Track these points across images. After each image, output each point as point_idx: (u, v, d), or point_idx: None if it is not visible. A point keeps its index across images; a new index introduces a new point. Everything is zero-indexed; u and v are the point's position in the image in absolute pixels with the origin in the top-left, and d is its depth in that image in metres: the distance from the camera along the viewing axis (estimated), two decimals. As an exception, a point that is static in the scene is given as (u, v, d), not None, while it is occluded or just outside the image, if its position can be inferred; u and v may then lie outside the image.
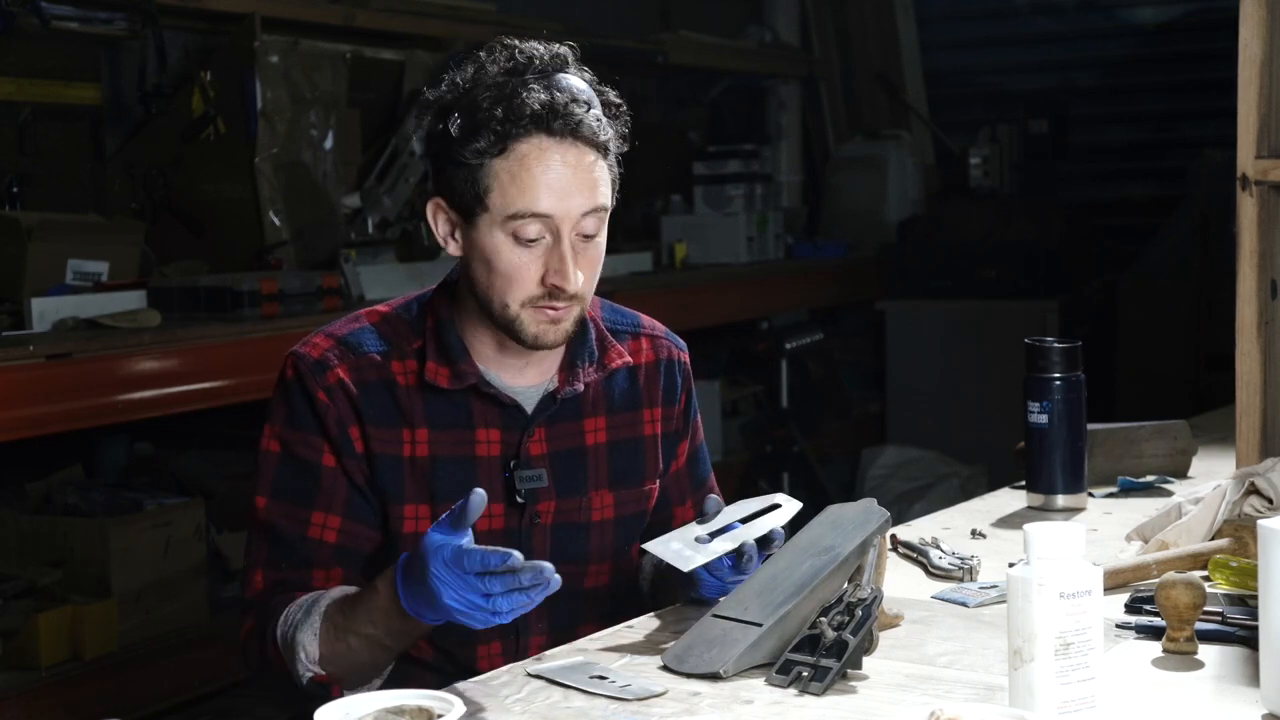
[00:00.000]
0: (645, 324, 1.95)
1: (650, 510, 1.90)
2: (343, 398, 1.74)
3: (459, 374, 1.76)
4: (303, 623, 1.65)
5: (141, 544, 3.36)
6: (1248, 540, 1.74)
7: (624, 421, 1.87)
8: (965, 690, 1.43)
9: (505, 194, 1.69)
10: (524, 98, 1.68)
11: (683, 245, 5.24)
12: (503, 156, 1.69)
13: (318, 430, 1.74)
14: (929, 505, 5.04)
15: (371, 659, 1.64)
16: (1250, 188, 2.00)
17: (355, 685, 1.67)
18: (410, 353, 1.77)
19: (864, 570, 1.56)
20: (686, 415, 1.95)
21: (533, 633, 1.81)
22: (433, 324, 1.79)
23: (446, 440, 1.75)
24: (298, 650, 1.64)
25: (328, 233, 4.17)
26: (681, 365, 1.95)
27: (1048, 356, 2.12)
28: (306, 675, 1.65)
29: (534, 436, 1.79)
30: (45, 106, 3.90)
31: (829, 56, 6.60)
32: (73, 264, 3.52)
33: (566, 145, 1.70)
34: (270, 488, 1.75)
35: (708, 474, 2.00)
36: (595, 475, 1.84)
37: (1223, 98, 2.59)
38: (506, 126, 1.68)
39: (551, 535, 1.81)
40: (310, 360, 1.75)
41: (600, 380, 1.85)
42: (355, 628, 1.62)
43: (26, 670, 3.13)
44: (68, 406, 3.03)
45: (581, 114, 1.70)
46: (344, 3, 4.26)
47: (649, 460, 1.89)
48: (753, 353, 5.50)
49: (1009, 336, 4.88)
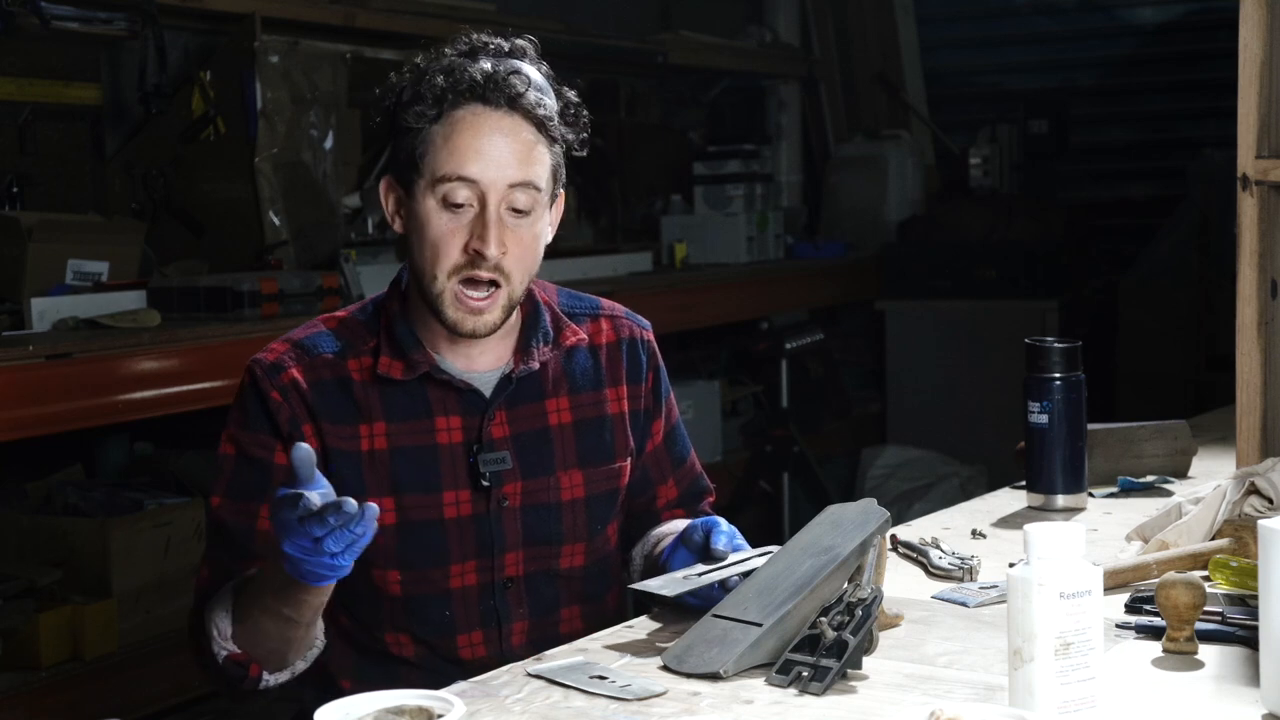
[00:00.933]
0: (605, 306, 1.97)
1: (622, 488, 1.91)
2: (296, 397, 1.77)
3: (411, 364, 1.79)
4: (218, 602, 1.68)
5: (141, 544, 3.36)
6: (1248, 540, 1.74)
7: (588, 400, 1.88)
8: (965, 690, 1.43)
9: (436, 157, 1.73)
10: (467, 68, 1.73)
11: (683, 245, 5.24)
12: (439, 122, 1.74)
13: (270, 430, 1.77)
14: (929, 505, 5.05)
15: (277, 631, 1.65)
16: (1250, 188, 2.00)
17: (271, 664, 1.68)
18: (365, 350, 1.81)
19: (864, 570, 1.56)
20: (656, 393, 1.96)
21: (513, 619, 1.82)
22: (385, 321, 1.82)
23: (405, 431, 1.78)
24: (211, 629, 1.67)
25: (328, 233, 4.17)
26: (645, 344, 1.96)
27: (1048, 356, 2.12)
28: (222, 654, 1.67)
29: (494, 420, 1.81)
30: (45, 106, 3.90)
31: (829, 56, 6.60)
32: (73, 264, 3.52)
33: (502, 114, 1.74)
34: (224, 488, 1.78)
35: (687, 451, 2.01)
36: (562, 455, 1.85)
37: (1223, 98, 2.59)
38: (446, 94, 1.73)
39: (521, 517, 1.82)
40: (266, 363, 1.79)
41: (560, 361, 1.87)
42: (257, 599, 1.64)
43: (26, 670, 3.13)
44: (68, 406, 3.03)
45: (521, 87, 1.74)
46: (344, 3, 4.26)
47: (618, 438, 1.90)
48: (753, 353, 5.49)
49: (1009, 336, 4.89)
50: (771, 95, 6.46)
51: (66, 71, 3.94)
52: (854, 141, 6.42)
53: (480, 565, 1.81)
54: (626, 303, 2.02)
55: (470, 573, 1.81)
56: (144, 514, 3.42)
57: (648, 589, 1.66)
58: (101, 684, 3.21)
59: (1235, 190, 2.01)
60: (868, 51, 6.64)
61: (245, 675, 1.67)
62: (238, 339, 3.35)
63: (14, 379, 2.92)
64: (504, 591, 1.82)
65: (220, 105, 4.03)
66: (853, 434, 5.99)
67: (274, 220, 4.03)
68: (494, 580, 1.82)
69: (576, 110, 1.81)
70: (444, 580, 1.80)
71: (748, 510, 5.16)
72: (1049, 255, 5.75)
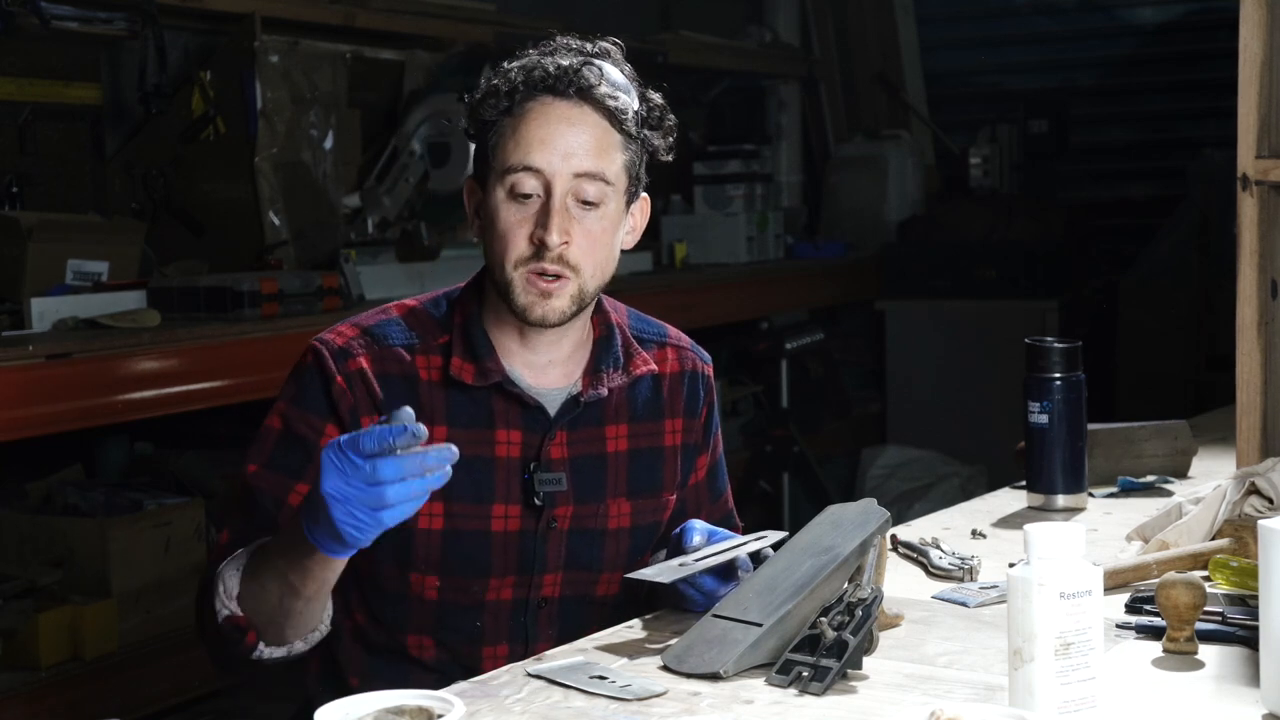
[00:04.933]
0: (672, 335, 1.94)
1: (664, 521, 1.90)
2: (361, 387, 1.74)
3: (484, 371, 1.76)
4: (233, 561, 1.64)
5: (141, 544, 3.35)
6: (1248, 540, 1.74)
7: (645, 430, 1.86)
8: (965, 690, 1.43)
9: (505, 148, 1.73)
10: (543, 63, 1.73)
11: (683, 245, 5.24)
12: (511, 115, 1.73)
13: (326, 413, 1.73)
14: (929, 505, 5.04)
15: (279, 598, 1.59)
16: (1250, 188, 2.00)
17: (269, 635, 1.63)
18: (436, 348, 1.77)
19: (864, 570, 1.56)
20: (707, 429, 1.94)
21: (541, 638, 1.80)
22: (460, 320, 1.79)
23: (465, 439, 1.73)
24: (218, 585, 1.62)
25: (328, 233, 4.17)
26: (705, 378, 1.93)
27: (1048, 356, 2.12)
28: (223, 613, 1.62)
29: (555, 440, 1.79)
30: (45, 106, 3.90)
31: (829, 56, 6.60)
32: (73, 264, 3.52)
33: (571, 105, 1.73)
34: (264, 458, 1.74)
35: (725, 488, 1.99)
36: (614, 482, 1.83)
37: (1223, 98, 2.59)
38: (520, 86, 1.72)
39: (567, 541, 1.80)
40: (335, 346, 1.75)
41: (624, 388, 1.84)
42: (268, 560, 1.60)
43: (26, 670, 3.12)
44: (68, 406, 3.03)
45: (594, 80, 1.73)
46: (344, 3, 4.26)
47: (668, 471, 1.88)
48: (753, 353, 5.49)
49: (1009, 336, 4.88)
50: (771, 95, 6.45)
51: (66, 71, 3.94)
52: (854, 141, 6.42)
53: (519, 581, 1.79)
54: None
55: (507, 588, 1.79)
56: (144, 514, 3.42)
57: (643, 577, 1.66)
58: (101, 684, 3.21)
59: (1235, 190, 2.01)
60: (868, 51, 6.64)
61: (242, 640, 1.62)
62: (238, 339, 3.35)
63: (14, 379, 2.92)
64: (537, 611, 1.81)
65: (220, 105, 4.03)
66: (853, 434, 5.99)
67: (274, 220, 4.03)
68: (529, 598, 1.80)
69: (662, 113, 1.80)
70: (481, 592, 1.78)
71: (748, 510, 5.16)
72: (1049, 255, 5.75)
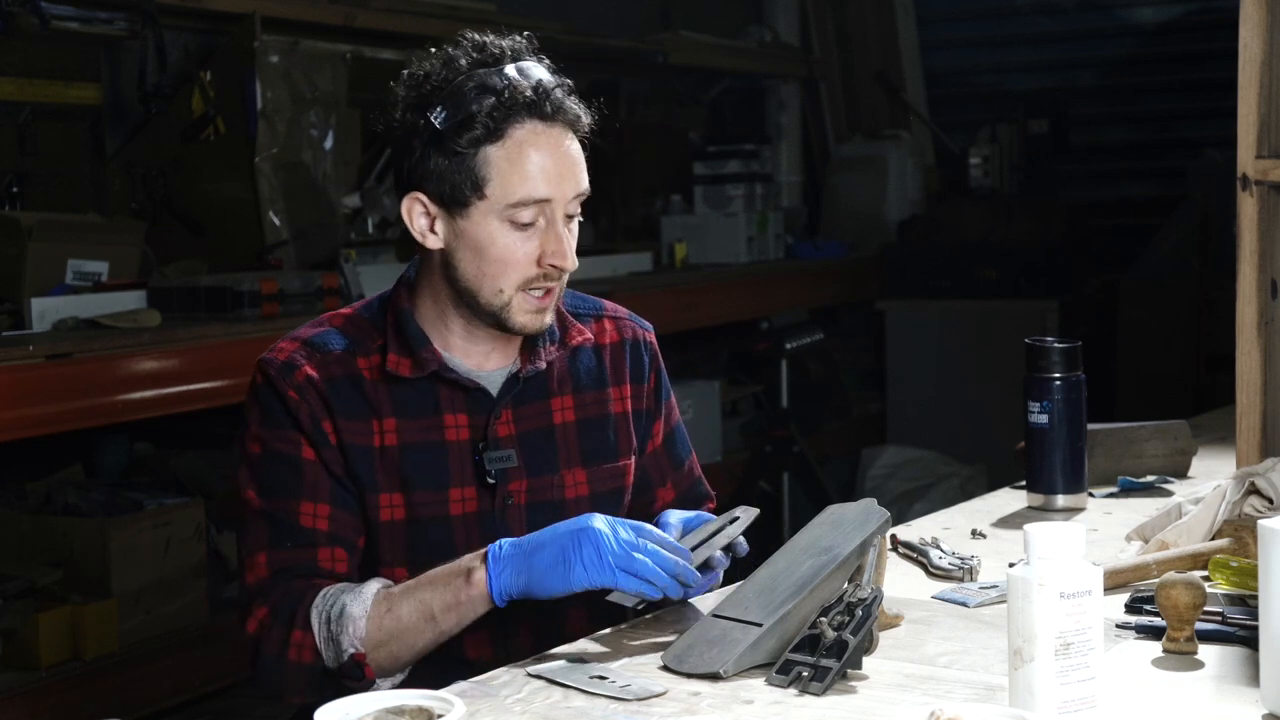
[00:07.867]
0: (608, 307, 1.99)
1: (627, 488, 1.92)
2: (313, 394, 1.78)
3: (420, 362, 1.81)
4: (351, 602, 1.67)
5: (141, 544, 3.36)
6: (1248, 540, 1.74)
7: (591, 399, 1.90)
8: (965, 690, 1.43)
9: (506, 182, 1.73)
10: (512, 84, 1.73)
11: (683, 245, 5.24)
12: (498, 144, 1.73)
13: (293, 426, 1.78)
14: (929, 505, 5.05)
15: (419, 639, 1.66)
16: (1250, 188, 2.00)
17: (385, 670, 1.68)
18: (374, 348, 1.82)
19: (864, 570, 1.56)
20: (658, 394, 1.98)
21: (519, 618, 1.80)
22: (393, 318, 1.84)
23: (414, 428, 1.80)
24: (347, 624, 1.66)
25: (328, 233, 4.17)
26: (648, 344, 1.98)
27: (1048, 356, 2.12)
28: (349, 651, 1.66)
29: (500, 418, 1.83)
30: (45, 106, 3.90)
31: (829, 56, 6.60)
32: (73, 264, 3.52)
33: (557, 130, 1.75)
34: (258, 485, 1.79)
35: (687, 455, 2.02)
36: (566, 453, 1.87)
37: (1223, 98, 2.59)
38: (501, 112, 1.72)
39: (527, 515, 1.83)
40: (278, 363, 1.80)
41: (565, 360, 1.89)
42: (414, 591, 1.66)
43: (26, 670, 3.13)
44: (68, 406, 3.03)
45: (564, 98, 1.76)
46: (344, 3, 4.26)
47: (621, 437, 1.92)
48: (753, 353, 5.49)
49: (1009, 336, 4.89)
50: (771, 95, 6.46)
51: (66, 71, 3.94)
52: (854, 141, 6.42)
53: None
54: (626, 303, 2.04)
55: None
56: (144, 514, 3.42)
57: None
58: (101, 684, 3.21)
59: (1235, 190, 2.01)
60: (868, 51, 6.64)
61: (361, 676, 1.66)
62: (238, 339, 3.35)
63: (14, 379, 2.92)
64: None
65: (220, 105, 4.03)
66: (853, 434, 5.99)
67: (274, 220, 4.03)
68: None
69: (581, 96, 1.83)
70: None
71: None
72: (1049, 255, 5.75)
